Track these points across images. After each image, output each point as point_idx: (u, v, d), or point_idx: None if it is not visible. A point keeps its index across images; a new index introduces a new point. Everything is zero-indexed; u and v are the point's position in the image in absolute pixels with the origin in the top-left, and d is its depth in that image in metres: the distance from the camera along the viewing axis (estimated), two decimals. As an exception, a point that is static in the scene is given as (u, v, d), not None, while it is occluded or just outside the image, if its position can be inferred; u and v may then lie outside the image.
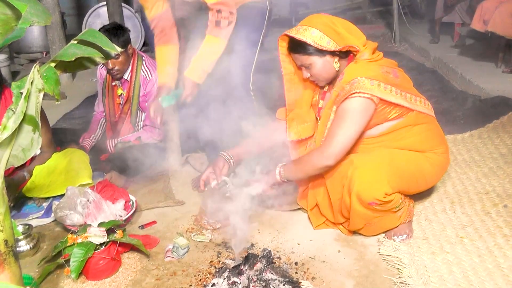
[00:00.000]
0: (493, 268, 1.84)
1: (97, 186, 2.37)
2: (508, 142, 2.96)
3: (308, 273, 1.92)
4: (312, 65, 2.05)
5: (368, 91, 1.91)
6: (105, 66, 2.90)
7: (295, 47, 2.06)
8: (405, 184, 2.04)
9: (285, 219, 2.35)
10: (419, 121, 2.08)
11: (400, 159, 2.03)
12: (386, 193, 1.92)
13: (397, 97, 1.98)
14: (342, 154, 2.00)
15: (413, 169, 2.05)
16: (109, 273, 1.96)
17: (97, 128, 3.12)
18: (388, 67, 2.05)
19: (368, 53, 2.01)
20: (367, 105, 1.94)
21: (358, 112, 1.95)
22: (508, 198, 2.33)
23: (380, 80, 1.94)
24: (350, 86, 1.95)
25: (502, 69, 4.80)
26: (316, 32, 1.97)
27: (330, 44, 1.96)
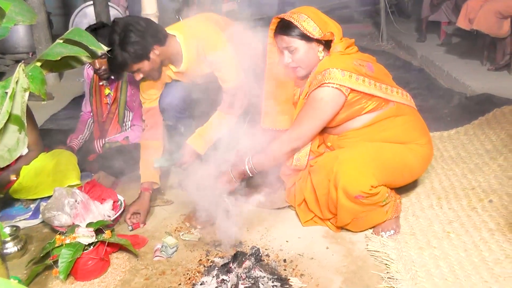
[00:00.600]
0: (478, 261, 1.87)
1: (85, 186, 2.37)
2: (493, 138, 3.00)
3: (297, 270, 1.93)
4: (297, 49, 2.09)
5: (338, 82, 1.99)
6: (92, 66, 2.89)
7: (283, 29, 2.10)
8: (390, 176, 2.07)
9: (273, 217, 2.36)
10: (401, 112, 2.12)
11: (384, 152, 2.06)
12: (372, 186, 1.95)
13: (371, 87, 2.04)
14: (307, 138, 2.14)
15: (398, 161, 2.09)
16: (98, 274, 1.95)
17: (85, 128, 3.10)
18: (362, 60, 2.11)
19: (341, 47, 2.08)
20: (335, 95, 2.01)
21: (326, 102, 2.03)
22: (493, 193, 2.36)
23: (351, 71, 2.01)
24: (322, 76, 2.02)
25: (487, 67, 4.85)
26: (304, 17, 2.05)
27: (315, 30, 2.04)
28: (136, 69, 2.30)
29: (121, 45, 2.21)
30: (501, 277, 1.77)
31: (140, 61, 2.27)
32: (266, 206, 2.44)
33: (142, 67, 2.30)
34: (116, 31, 2.23)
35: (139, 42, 2.22)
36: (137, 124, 2.95)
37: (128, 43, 2.21)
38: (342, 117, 2.10)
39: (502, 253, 1.90)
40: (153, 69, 2.34)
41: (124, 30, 2.21)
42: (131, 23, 2.24)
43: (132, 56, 2.23)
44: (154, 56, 2.29)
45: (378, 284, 1.82)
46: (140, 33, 2.23)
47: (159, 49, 2.31)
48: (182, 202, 2.55)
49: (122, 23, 2.24)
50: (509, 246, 1.94)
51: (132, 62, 2.25)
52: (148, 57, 2.28)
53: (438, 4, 5.98)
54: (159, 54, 2.31)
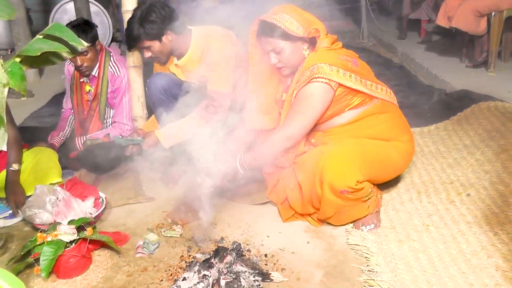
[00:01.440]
0: (457, 253, 1.91)
1: (66, 184, 2.35)
2: (471, 133, 3.05)
3: (278, 265, 1.95)
4: (283, 50, 2.09)
5: (327, 76, 1.99)
6: (73, 63, 2.87)
7: (266, 31, 2.08)
8: (375, 172, 2.09)
9: (255, 213, 2.38)
10: (384, 109, 2.15)
11: (369, 148, 2.08)
12: (358, 181, 1.97)
13: (357, 83, 2.05)
14: (300, 136, 2.13)
15: (382, 157, 2.11)
16: (80, 271, 1.95)
17: (66, 125, 3.08)
18: (347, 55, 2.12)
19: (327, 42, 2.08)
20: (325, 90, 2.02)
21: (316, 97, 2.03)
22: (471, 187, 2.41)
23: (339, 66, 2.01)
24: (310, 72, 2.02)
25: (466, 64, 4.94)
26: (286, 17, 2.03)
27: (299, 29, 2.03)
28: (146, 46, 2.52)
29: (140, 21, 2.45)
30: (478, 268, 1.81)
31: (152, 40, 2.49)
32: (246, 201, 2.45)
33: (152, 46, 2.52)
34: (141, 7, 2.49)
35: (157, 23, 2.45)
36: (118, 121, 2.94)
37: (147, 20, 2.44)
38: (329, 113, 2.11)
39: (479, 245, 1.95)
40: (162, 52, 2.54)
41: (147, 9, 2.46)
42: (156, 5, 2.48)
43: (147, 32, 2.46)
44: (166, 40, 2.51)
45: (358, 277, 1.85)
46: (161, 16, 2.46)
47: (172, 36, 2.52)
48: (163, 199, 2.56)
49: (149, 3, 2.49)
50: (485, 238, 1.98)
51: (144, 38, 2.47)
52: (160, 39, 2.50)
53: (419, 2, 6.05)
54: (171, 40, 2.53)
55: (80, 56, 2.74)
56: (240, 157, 2.21)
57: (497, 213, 2.15)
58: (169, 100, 2.65)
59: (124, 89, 2.89)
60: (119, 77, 2.89)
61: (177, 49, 2.57)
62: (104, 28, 6.24)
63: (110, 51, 2.95)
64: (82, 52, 2.73)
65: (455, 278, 1.77)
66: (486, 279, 1.75)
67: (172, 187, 2.69)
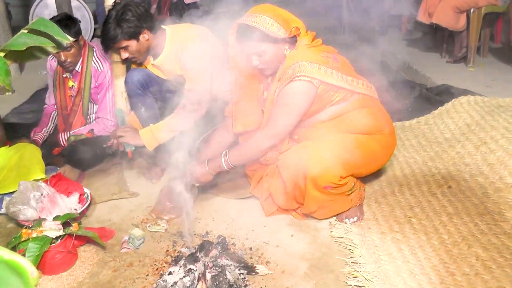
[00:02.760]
0: (438, 244, 1.96)
1: (51, 180, 2.33)
2: (452, 127, 3.11)
3: (263, 258, 1.97)
4: (265, 52, 2.07)
5: (309, 74, 1.99)
6: (56, 59, 2.84)
7: (248, 34, 2.05)
8: (357, 166, 2.11)
9: (239, 207, 2.39)
10: (366, 104, 2.16)
11: (352, 143, 2.09)
12: (341, 176, 1.99)
13: (338, 79, 2.06)
14: (285, 134, 2.13)
15: (365, 151, 2.13)
16: (66, 267, 1.94)
17: (49, 121, 3.05)
18: (327, 52, 2.13)
19: (307, 40, 2.08)
20: (308, 88, 2.02)
21: (299, 95, 2.04)
22: (452, 179, 2.46)
23: (320, 64, 2.02)
24: (292, 71, 2.02)
25: (446, 59, 5.03)
26: (267, 19, 2.00)
27: (280, 31, 2.01)
28: (124, 46, 2.49)
29: (117, 21, 2.42)
30: (459, 258, 1.86)
31: (129, 39, 2.47)
32: (230, 196, 2.47)
33: (130, 46, 2.49)
34: (116, 8, 2.46)
35: (133, 21, 2.44)
36: (101, 117, 2.92)
37: (123, 20, 2.43)
38: (311, 110, 2.11)
39: (460, 235, 1.99)
40: (139, 51, 2.53)
41: (123, 8, 2.45)
42: (131, 5, 2.48)
43: (124, 32, 2.43)
44: (143, 39, 2.50)
45: (342, 269, 1.88)
46: (136, 15, 2.45)
47: (149, 35, 2.52)
48: (147, 194, 2.56)
49: (123, 3, 2.48)
50: (466, 229, 2.03)
51: (122, 38, 2.45)
52: (137, 38, 2.48)
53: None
54: (148, 39, 2.52)
55: (64, 51, 2.71)
56: (225, 153, 2.21)
57: (477, 204, 2.20)
58: (146, 95, 2.65)
59: (107, 85, 2.88)
60: (102, 72, 2.88)
61: (153, 49, 2.58)
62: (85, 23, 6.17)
63: (93, 46, 2.93)
64: (66, 48, 2.71)
65: (436, 268, 1.81)
66: (467, 268, 1.79)
67: (156, 182, 2.70)
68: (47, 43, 1.27)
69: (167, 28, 2.62)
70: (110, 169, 2.88)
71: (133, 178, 2.79)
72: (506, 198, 2.19)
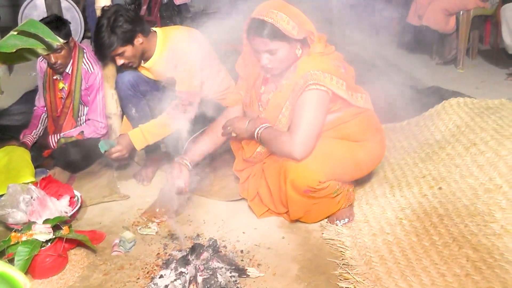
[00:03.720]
0: (429, 245, 1.97)
1: (40, 182, 2.31)
2: (442, 129, 3.13)
3: (254, 260, 1.97)
4: (278, 51, 1.98)
5: (321, 83, 1.94)
6: (46, 60, 2.82)
7: (262, 30, 1.96)
8: (339, 172, 2.08)
9: (229, 209, 2.39)
10: (358, 114, 2.14)
11: (336, 148, 2.07)
12: (320, 181, 1.98)
13: (345, 92, 2.02)
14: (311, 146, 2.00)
15: (348, 158, 2.11)
16: (56, 271, 1.93)
17: (39, 123, 3.03)
18: (338, 61, 2.09)
19: (321, 46, 2.03)
20: (324, 97, 1.98)
21: (317, 104, 1.98)
22: (443, 180, 2.47)
23: (332, 74, 1.97)
24: (304, 80, 1.96)
25: (436, 61, 5.07)
26: (283, 16, 1.94)
27: (294, 29, 1.95)
28: (120, 52, 2.46)
29: (111, 28, 2.39)
30: (450, 259, 1.87)
31: (125, 45, 2.44)
32: (221, 198, 2.47)
33: (126, 51, 2.47)
34: (106, 15, 2.42)
35: (127, 27, 2.41)
36: (92, 119, 2.90)
37: (117, 26, 2.39)
38: None
39: (450, 236, 2.00)
40: (134, 56, 2.51)
41: (114, 15, 2.41)
42: (120, 10, 2.45)
43: (120, 38, 2.40)
44: (137, 43, 2.48)
45: (334, 271, 1.88)
46: (129, 19, 2.43)
47: (142, 38, 2.50)
48: (138, 197, 2.56)
49: (112, 10, 2.44)
50: (456, 230, 2.04)
51: (118, 44, 2.42)
52: (132, 43, 2.46)
53: (391, 0, 6.14)
54: (142, 42, 2.50)
55: (54, 53, 2.69)
56: (260, 129, 2.10)
57: (467, 205, 2.22)
58: (137, 96, 2.64)
59: (98, 86, 2.86)
60: (92, 74, 2.86)
61: (145, 52, 2.57)
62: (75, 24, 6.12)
63: (83, 47, 2.91)
64: (56, 50, 2.69)
65: (427, 269, 1.82)
66: (458, 269, 1.80)
67: (146, 185, 2.69)
68: (37, 45, 1.25)
69: (158, 30, 2.61)
70: (101, 171, 2.87)
71: (124, 180, 2.77)
72: (496, 199, 2.21)
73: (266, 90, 2.20)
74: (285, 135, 2.03)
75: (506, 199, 2.18)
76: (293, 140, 1.98)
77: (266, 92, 2.19)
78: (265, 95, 2.19)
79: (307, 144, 1.98)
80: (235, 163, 2.43)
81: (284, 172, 2.02)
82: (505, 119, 2.94)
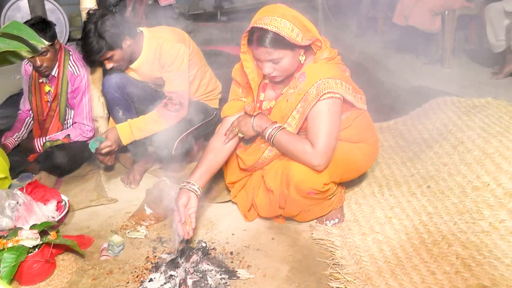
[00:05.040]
0: (419, 244, 1.98)
1: (26, 187, 2.28)
2: (430, 128, 3.15)
3: (244, 262, 1.96)
4: (282, 60, 1.91)
5: (334, 90, 1.91)
6: (31, 63, 2.78)
7: (264, 41, 1.86)
8: (341, 173, 2.09)
9: (218, 211, 2.38)
10: (358, 116, 2.15)
11: (337, 151, 2.04)
12: (325, 183, 1.97)
13: (352, 95, 2.01)
14: (332, 155, 1.97)
15: (348, 159, 2.12)
16: (44, 277, 1.90)
17: (22, 127, 2.99)
18: (342, 65, 2.06)
19: (328, 52, 1.99)
20: (338, 104, 1.96)
21: (334, 113, 1.94)
22: (431, 179, 2.49)
23: (341, 79, 1.95)
24: (316, 90, 1.91)
25: (422, 60, 5.11)
26: (287, 23, 1.85)
27: (299, 36, 1.87)
28: (109, 56, 2.46)
29: (98, 32, 2.38)
30: (439, 256, 1.88)
31: (114, 49, 2.44)
32: (210, 200, 2.45)
33: (115, 55, 2.46)
34: (92, 20, 2.40)
35: (114, 31, 2.40)
36: (78, 122, 2.87)
37: (104, 31, 2.38)
38: None
39: (439, 234, 2.02)
40: (123, 58, 2.50)
41: (101, 19, 2.39)
42: (106, 14, 2.43)
43: (108, 42, 2.39)
44: (125, 46, 2.47)
45: (324, 271, 1.88)
46: (115, 23, 2.41)
47: (130, 41, 2.49)
48: (126, 200, 2.54)
49: (98, 14, 2.42)
50: (445, 228, 2.05)
51: (107, 49, 2.41)
52: (121, 46, 2.46)
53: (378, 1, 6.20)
54: (130, 45, 2.49)
55: (40, 56, 2.66)
56: (278, 127, 1.99)
57: (456, 203, 2.23)
58: (124, 98, 2.62)
59: (84, 89, 2.83)
60: (79, 76, 2.83)
61: (133, 53, 2.55)
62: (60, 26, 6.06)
63: (69, 50, 2.88)
64: (42, 52, 2.65)
65: (417, 268, 1.83)
66: (447, 267, 1.81)
67: (134, 188, 2.67)
68: (21, 48, 1.23)
69: (144, 30, 2.60)
70: (88, 174, 2.84)
71: (111, 183, 2.75)
72: (484, 196, 2.22)
73: (266, 97, 2.15)
74: (307, 145, 1.94)
75: (494, 196, 2.20)
76: (317, 152, 1.91)
77: (267, 99, 2.14)
78: (266, 103, 2.13)
79: (328, 154, 1.95)
80: (229, 175, 2.36)
81: (287, 175, 1.99)
82: (491, 117, 2.97)
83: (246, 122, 2.08)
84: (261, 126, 2.03)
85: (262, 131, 2.03)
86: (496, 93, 3.61)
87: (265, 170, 2.15)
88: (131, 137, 2.48)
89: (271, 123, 2.01)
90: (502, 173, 2.30)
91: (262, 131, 2.03)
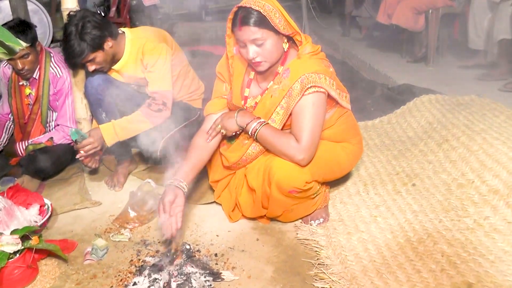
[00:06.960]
0: (404, 242, 1.98)
1: (7, 191, 2.24)
2: (414, 125, 3.17)
3: (228, 263, 1.95)
4: (265, 42, 1.90)
5: (318, 84, 1.92)
6: (11, 66, 2.74)
7: (249, 19, 1.86)
8: (323, 172, 2.09)
9: (202, 212, 2.36)
10: (342, 114, 2.15)
11: (320, 150, 2.05)
12: (307, 182, 1.97)
13: (335, 91, 2.01)
14: (315, 150, 1.98)
15: (330, 158, 2.12)
16: (26, 282, 1.87)
17: (3, 132, 2.94)
18: (326, 60, 2.06)
19: (310, 47, 1.99)
20: (323, 98, 1.96)
21: (318, 107, 1.95)
22: (416, 177, 2.50)
23: (325, 74, 1.95)
24: (301, 85, 1.92)
25: (406, 59, 5.14)
26: (270, 7, 1.87)
27: (281, 23, 1.89)
28: (91, 58, 2.43)
29: (79, 35, 2.35)
30: (425, 254, 1.88)
31: (96, 51, 2.41)
32: (194, 201, 2.43)
33: (96, 57, 2.43)
34: (73, 22, 2.37)
35: (95, 32, 2.37)
36: (61, 124, 2.83)
37: (86, 33, 2.35)
38: None
39: (425, 232, 2.02)
40: (105, 60, 2.48)
41: (82, 21, 2.36)
42: (87, 15, 2.40)
43: (90, 44, 2.37)
44: (107, 47, 2.45)
45: (309, 271, 1.87)
46: (96, 24, 2.38)
47: (112, 42, 2.46)
48: (110, 203, 2.51)
49: (79, 16, 2.39)
50: (431, 226, 2.06)
51: (88, 51, 2.38)
52: (102, 48, 2.43)
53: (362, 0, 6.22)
54: (112, 46, 2.47)
55: (21, 59, 2.61)
56: (261, 122, 2.00)
57: (441, 201, 2.24)
58: (107, 100, 2.59)
59: (66, 91, 2.79)
60: (61, 78, 2.78)
61: (115, 54, 2.53)
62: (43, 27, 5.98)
63: (50, 51, 2.83)
64: (23, 55, 2.61)
65: (403, 266, 1.83)
66: (433, 265, 1.82)
67: (118, 190, 2.65)
68: (-3, 50, 1.21)
69: (126, 31, 2.58)
70: (71, 178, 2.80)
71: (95, 186, 2.72)
72: (469, 193, 2.24)
73: (251, 94, 2.13)
74: (291, 139, 1.95)
75: (478, 193, 2.21)
76: (301, 146, 1.93)
77: (252, 96, 2.13)
78: (250, 100, 2.13)
79: (312, 149, 1.96)
80: (212, 173, 2.36)
81: (268, 173, 1.99)
82: (475, 115, 3.00)
83: (230, 118, 2.08)
84: (245, 121, 2.03)
85: (246, 126, 2.03)
86: (480, 91, 3.65)
87: (247, 169, 2.14)
88: (115, 137, 2.45)
89: (255, 118, 2.02)
90: (486, 170, 2.31)
91: (246, 126, 2.03)
